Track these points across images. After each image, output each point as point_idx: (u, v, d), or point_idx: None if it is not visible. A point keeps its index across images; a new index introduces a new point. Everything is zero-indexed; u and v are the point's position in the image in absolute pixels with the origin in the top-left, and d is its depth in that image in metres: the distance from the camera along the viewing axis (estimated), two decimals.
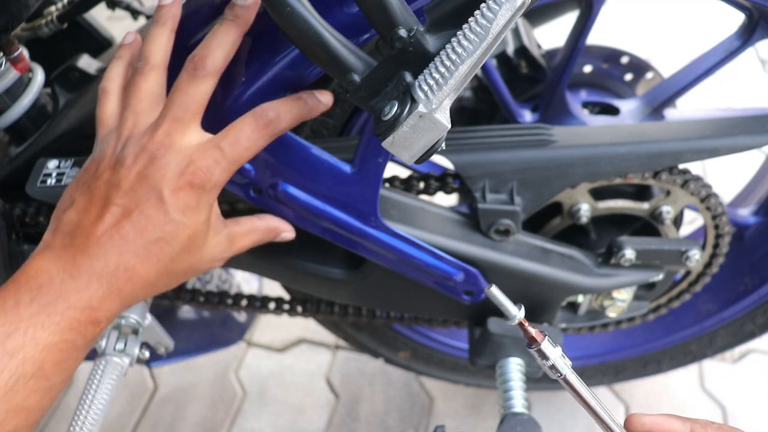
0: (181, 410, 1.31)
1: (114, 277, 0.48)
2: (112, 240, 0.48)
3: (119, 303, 0.50)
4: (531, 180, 0.70)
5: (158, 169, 0.49)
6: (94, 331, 0.49)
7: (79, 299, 0.47)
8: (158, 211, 0.49)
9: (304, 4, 0.45)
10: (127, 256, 0.49)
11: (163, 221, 0.49)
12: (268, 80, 0.55)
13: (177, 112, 0.50)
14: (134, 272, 0.49)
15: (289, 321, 1.45)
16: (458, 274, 0.71)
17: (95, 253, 0.48)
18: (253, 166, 0.61)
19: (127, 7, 0.85)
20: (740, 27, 0.75)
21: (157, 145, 0.49)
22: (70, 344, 0.47)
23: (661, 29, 2.27)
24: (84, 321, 0.47)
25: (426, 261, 0.69)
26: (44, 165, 0.67)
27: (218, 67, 0.51)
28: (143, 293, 0.51)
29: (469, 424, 1.27)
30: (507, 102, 0.84)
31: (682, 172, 0.73)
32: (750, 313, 0.98)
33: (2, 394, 0.43)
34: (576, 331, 0.90)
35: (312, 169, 0.61)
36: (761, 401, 1.28)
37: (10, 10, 0.59)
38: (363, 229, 0.66)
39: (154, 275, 0.51)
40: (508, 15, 0.41)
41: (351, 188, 0.62)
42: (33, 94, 0.70)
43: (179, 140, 0.50)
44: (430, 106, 0.43)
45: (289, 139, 0.59)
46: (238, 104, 0.56)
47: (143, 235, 0.49)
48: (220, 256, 0.56)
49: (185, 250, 0.51)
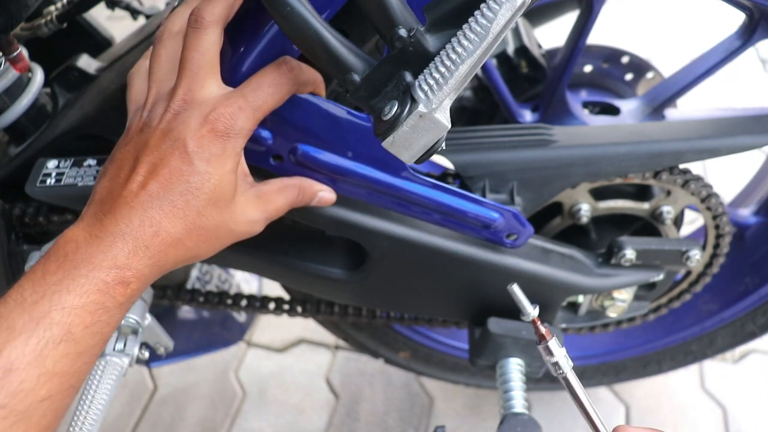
0: (180, 410, 1.31)
1: (139, 234, 0.48)
2: (138, 198, 0.48)
3: (148, 261, 0.49)
4: (531, 180, 0.69)
5: (181, 122, 0.49)
6: (125, 293, 0.48)
7: (103, 259, 0.47)
8: (182, 162, 0.48)
9: (304, 4, 0.45)
10: (153, 211, 0.48)
11: (187, 172, 0.49)
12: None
13: (191, 68, 0.50)
14: (160, 227, 0.48)
15: (289, 321, 1.45)
16: (498, 217, 0.67)
17: (121, 213, 0.48)
18: (270, 132, 0.58)
19: (126, 6, 0.85)
20: (741, 27, 0.75)
21: (179, 102, 0.50)
22: (98, 306, 0.46)
23: (661, 29, 2.27)
24: (111, 282, 0.47)
25: (464, 207, 0.66)
26: (44, 165, 0.67)
27: (218, 17, 0.50)
28: (175, 253, 0.50)
29: (469, 424, 1.27)
30: (507, 102, 0.84)
31: (683, 172, 0.73)
32: (751, 314, 0.98)
33: (31, 359, 0.43)
34: (576, 331, 0.90)
35: (331, 126, 0.58)
36: (762, 402, 1.28)
37: (10, 10, 0.59)
38: (395, 183, 0.63)
39: (182, 230, 0.49)
40: (508, 15, 0.41)
41: (373, 140, 0.58)
42: (32, 93, 0.70)
43: (200, 94, 0.50)
44: (430, 106, 0.43)
45: (302, 98, 0.56)
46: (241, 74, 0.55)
47: (169, 188, 0.48)
48: (253, 216, 0.54)
49: (212, 203, 0.50)
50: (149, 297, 0.73)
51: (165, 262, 0.50)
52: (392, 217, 0.68)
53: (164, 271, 0.51)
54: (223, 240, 0.53)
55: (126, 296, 0.48)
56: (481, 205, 0.67)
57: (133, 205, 0.48)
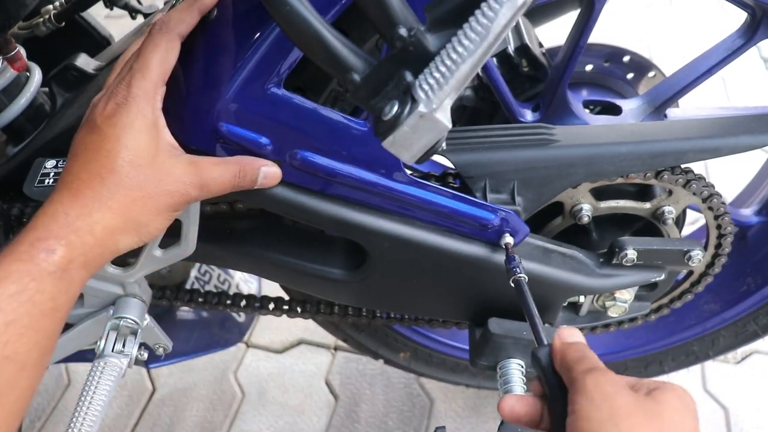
0: (179, 412, 1.31)
1: (58, 202, 0.51)
2: (64, 180, 0.53)
3: (71, 227, 0.50)
4: (532, 180, 0.69)
5: (92, 110, 0.55)
6: (49, 259, 0.49)
7: (24, 232, 0.50)
8: (94, 134, 0.53)
9: (304, 4, 0.44)
10: (74, 184, 0.52)
11: (99, 140, 0.53)
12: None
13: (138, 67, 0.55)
14: (78, 191, 0.51)
15: (289, 322, 1.45)
16: (494, 217, 0.68)
17: (53, 196, 0.52)
18: (269, 138, 0.59)
19: (125, 5, 0.84)
20: (743, 25, 0.75)
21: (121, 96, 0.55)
22: (22, 274, 0.48)
23: (662, 28, 2.26)
24: (29, 248, 0.49)
25: (460, 209, 0.67)
26: (42, 165, 0.66)
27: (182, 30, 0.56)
28: (103, 218, 0.51)
29: (470, 425, 1.27)
30: (508, 101, 0.83)
31: (684, 171, 0.73)
32: (753, 314, 0.98)
33: None
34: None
35: (327, 132, 0.60)
36: (764, 402, 1.27)
37: (7, 9, 0.59)
38: (391, 186, 0.64)
39: (106, 192, 0.52)
40: (509, 14, 0.40)
41: (370, 145, 0.61)
42: (30, 93, 0.70)
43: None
44: (430, 105, 0.42)
45: (299, 104, 0.58)
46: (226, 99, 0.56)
47: (88, 161, 0.52)
48: (182, 175, 0.55)
49: (130, 162, 0.52)
50: (148, 297, 0.73)
51: (96, 230, 0.51)
52: (392, 217, 0.67)
53: (102, 241, 0.52)
54: (157, 200, 0.54)
55: (54, 264, 0.49)
56: (478, 207, 0.67)
57: (59, 186, 0.53)
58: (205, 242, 0.70)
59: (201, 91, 0.58)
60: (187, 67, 0.57)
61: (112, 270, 0.67)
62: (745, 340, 1.02)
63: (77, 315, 0.71)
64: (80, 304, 0.71)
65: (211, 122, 0.58)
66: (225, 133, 0.58)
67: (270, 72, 0.56)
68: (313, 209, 0.64)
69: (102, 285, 0.68)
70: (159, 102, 0.55)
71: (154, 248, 0.65)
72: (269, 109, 0.58)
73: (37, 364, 0.49)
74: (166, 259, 0.66)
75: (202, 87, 0.58)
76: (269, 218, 0.76)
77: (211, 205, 0.74)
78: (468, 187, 0.70)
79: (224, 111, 0.57)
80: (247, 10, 0.55)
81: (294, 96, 0.58)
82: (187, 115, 0.59)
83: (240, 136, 0.59)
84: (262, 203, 0.65)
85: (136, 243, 0.55)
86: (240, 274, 1.13)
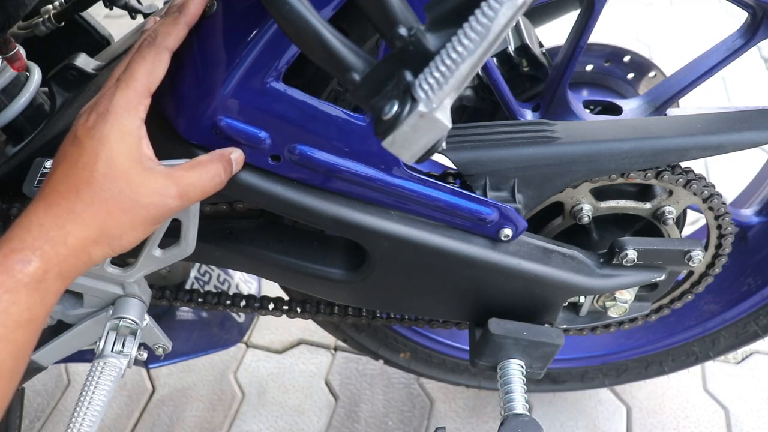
0: (179, 412, 1.31)
1: (33, 214, 0.51)
2: (42, 192, 0.53)
3: (45, 238, 0.50)
4: (532, 177, 0.69)
5: (77, 121, 0.55)
6: (24, 270, 0.49)
7: (1, 243, 0.50)
8: (74, 147, 0.53)
9: (304, 3, 0.44)
10: (51, 197, 0.52)
11: (77, 153, 0.53)
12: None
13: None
14: (53, 202, 0.52)
15: (288, 322, 1.45)
16: (492, 212, 0.69)
17: (29, 208, 0.52)
18: (268, 133, 0.59)
19: (124, 5, 0.84)
20: (743, 25, 0.75)
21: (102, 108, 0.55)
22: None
23: (663, 27, 2.26)
24: (3, 259, 0.48)
25: (458, 203, 0.67)
26: (41, 165, 0.66)
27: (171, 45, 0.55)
28: (77, 229, 0.51)
29: (470, 426, 1.27)
30: (508, 101, 0.83)
31: (685, 171, 0.72)
32: (753, 314, 0.97)
33: None
34: (578, 331, 0.89)
35: (326, 126, 0.60)
36: (764, 402, 1.27)
37: (7, 9, 0.59)
38: (390, 181, 0.64)
39: (81, 205, 0.51)
40: (509, 13, 0.40)
41: (369, 140, 0.61)
42: (30, 93, 0.70)
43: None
44: (430, 105, 0.42)
45: (298, 98, 0.58)
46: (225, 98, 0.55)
47: (66, 174, 0.53)
48: (159, 187, 0.54)
49: (105, 175, 0.52)
50: (148, 297, 0.73)
51: (69, 241, 0.51)
52: (392, 217, 0.67)
53: (76, 252, 0.52)
54: (132, 214, 0.53)
55: (30, 275, 0.49)
56: (475, 202, 0.68)
57: (36, 198, 0.53)
58: (204, 242, 0.70)
59: (200, 85, 0.58)
60: (186, 61, 0.57)
61: (112, 270, 0.67)
62: (746, 341, 1.01)
63: (77, 315, 0.71)
64: (80, 304, 0.71)
65: (210, 116, 0.58)
66: (224, 128, 0.58)
67: (269, 66, 0.55)
68: (312, 208, 0.64)
69: (101, 285, 0.68)
70: (142, 113, 0.54)
71: (154, 248, 0.65)
72: (268, 103, 0.58)
73: (11, 373, 0.49)
74: (165, 259, 0.66)
75: (202, 81, 0.57)
76: (269, 218, 0.76)
77: (210, 205, 0.74)
78: (468, 186, 0.70)
79: (223, 105, 0.57)
80: (247, 4, 0.55)
81: (293, 90, 0.57)
82: (187, 109, 0.59)
83: (239, 130, 0.59)
84: (262, 203, 0.64)
85: (110, 254, 0.55)
86: (240, 275, 1.13)
